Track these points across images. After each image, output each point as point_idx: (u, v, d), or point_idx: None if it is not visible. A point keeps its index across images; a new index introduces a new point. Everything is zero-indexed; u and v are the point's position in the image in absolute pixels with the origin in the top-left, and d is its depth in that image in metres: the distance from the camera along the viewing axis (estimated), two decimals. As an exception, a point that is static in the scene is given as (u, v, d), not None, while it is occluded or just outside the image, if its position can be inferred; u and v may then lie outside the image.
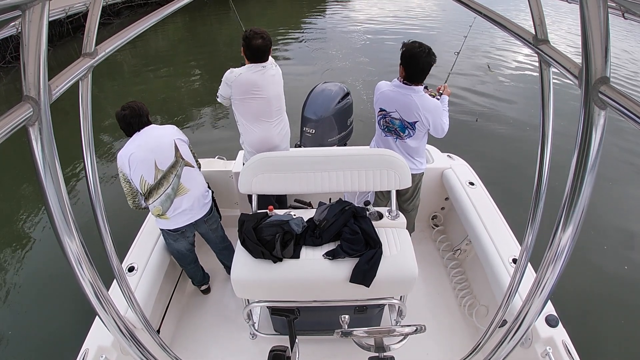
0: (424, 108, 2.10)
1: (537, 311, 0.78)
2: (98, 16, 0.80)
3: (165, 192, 1.93)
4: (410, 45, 2.05)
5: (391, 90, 2.16)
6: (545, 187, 0.86)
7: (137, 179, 1.91)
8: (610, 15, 0.54)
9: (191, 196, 2.04)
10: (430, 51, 2.01)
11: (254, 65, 2.18)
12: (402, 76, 2.13)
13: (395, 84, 2.16)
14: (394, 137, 2.26)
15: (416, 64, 2.03)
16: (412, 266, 1.61)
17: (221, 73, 2.21)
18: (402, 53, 2.08)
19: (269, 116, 2.30)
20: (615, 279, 3.21)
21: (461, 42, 2.92)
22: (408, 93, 2.11)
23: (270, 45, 2.17)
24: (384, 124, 2.25)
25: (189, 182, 2.03)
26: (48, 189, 0.59)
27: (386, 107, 2.19)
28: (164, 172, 1.92)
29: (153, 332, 1.13)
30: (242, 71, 2.19)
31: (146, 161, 1.89)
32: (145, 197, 1.97)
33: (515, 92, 6.95)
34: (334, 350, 2.09)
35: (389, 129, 2.24)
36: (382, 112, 2.22)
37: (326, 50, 9.26)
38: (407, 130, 2.19)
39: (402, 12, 13.07)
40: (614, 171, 4.61)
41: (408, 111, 2.13)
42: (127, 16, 12.04)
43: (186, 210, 2.04)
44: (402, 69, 2.11)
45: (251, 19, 12.44)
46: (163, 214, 1.99)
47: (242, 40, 2.13)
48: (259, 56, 2.15)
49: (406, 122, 2.16)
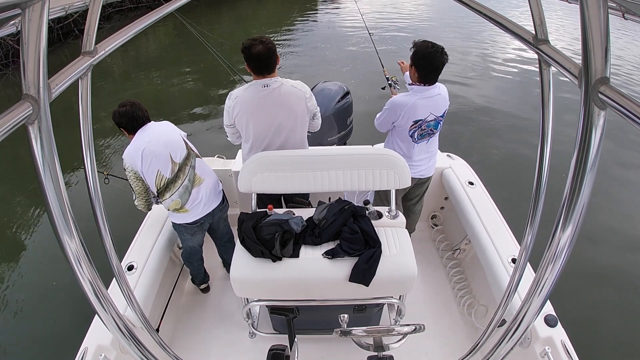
0: (446, 94, 2.12)
1: (536, 311, 0.78)
2: (98, 14, 0.80)
3: (183, 184, 1.96)
4: (422, 45, 1.96)
5: (419, 98, 2.05)
6: (545, 186, 0.86)
7: (152, 174, 1.91)
8: (610, 15, 0.54)
9: (206, 186, 2.07)
10: (443, 50, 1.95)
11: (256, 82, 1.91)
12: (414, 78, 2.06)
13: (416, 89, 2.06)
14: (427, 139, 2.18)
15: (430, 64, 1.96)
16: (411, 266, 1.62)
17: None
18: (414, 54, 1.98)
19: (271, 147, 2.02)
20: (615, 279, 3.22)
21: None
22: (434, 93, 2.06)
23: (274, 51, 1.86)
24: (419, 133, 2.14)
25: (202, 172, 2.06)
26: (47, 187, 0.59)
27: (421, 115, 2.07)
28: (180, 164, 1.94)
29: (152, 331, 1.13)
30: (239, 93, 1.93)
31: (162, 155, 1.90)
32: (159, 193, 1.97)
33: (515, 91, 6.95)
34: (333, 349, 2.09)
35: (423, 135, 2.16)
36: (417, 123, 2.10)
37: (323, 50, 9.26)
38: (440, 123, 2.17)
39: (393, 9, 13.12)
40: (614, 171, 4.61)
41: (439, 107, 2.10)
42: (117, 20, 11.97)
43: (203, 200, 2.06)
44: (414, 70, 2.02)
45: (241, 20, 12.41)
46: (182, 207, 2.00)
47: (242, 53, 1.85)
48: (262, 66, 1.87)
49: (439, 117, 2.13)
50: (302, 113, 2.00)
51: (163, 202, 2.01)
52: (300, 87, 1.97)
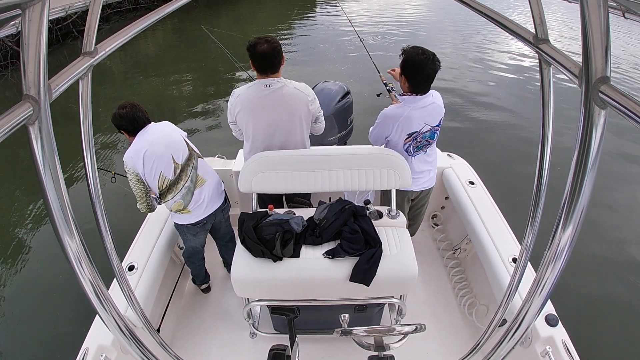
0: (440, 102, 1.99)
1: (537, 310, 0.78)
2: (98, 15, 0.80)
3: (185, 185, 1.95)
4: (412, 52, 1.82)
5: (412, 109, 1.91)
6: (545, 186, 0.86)
7: (154, 176, 1.90)
8: (611, 15, 0.54)
9: (209, 186, 2.06)
10: (434, 57, 1.81)
11: (259, 82, 1.91)
12: (405, 88, 1.92)
13: (408, 100, 1.92)
14: (424, 151, 2.06)
15: (421, 73, 1.82)
16: (412, 265, 1.62)
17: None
18: (404, 61, 1.84)
19: (271, 148, 2.02)
20: (615, 278, 3.21)
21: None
22: (427, 103, 1.92)
23: (279, 51, 1.85)
24: (415, 146, 2.01)
25: (204, 172, 2.05)
26: (48, 187, 0.59)
27: (415, 127, 1.94)
28: (182, 165, 1.94)
29: (153, 331, 1.13)
30: (241, 91, 1.94)
31: (164, 157, 1.89)
32: (161, 195, 1.96)
33: (515, 91, 6.94)
34: (334, 349, 2.09)
35: (419, 147, 2.03)
36: (412, 135, 1.96)
37: (322, 49, 9.26)
38: (436, 134, 2.03)
39: (391, 9, 13.12)
40: (614, 170, 4.61)
41: (435, 117, 1.97)
42: (116, 21, 11.96)
43: (206, 200, 2.05)
44: (405, 79, 1.89)
45: (240, 21, 12.38)
46: (185, 208, 2.00)
47: (247, 51, 1.86)
48: (267, 65, 1.86)
49: (435, 127, 2.00)
50: (303, 116, 1.98)
51: (165, 204, 2.01)
52: (303, 90, 1.95)
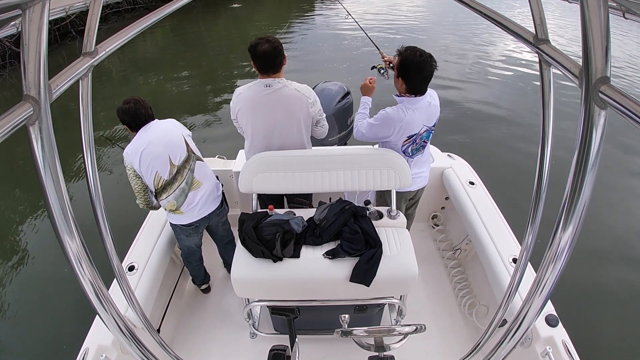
0: (437, 101, 1.97)
1: (537, 311, 0.78)
2: (98, 15, 0.80)
3: (180, 186, 1.94)
4: (408, 53, 1.78)
5: (414, 112, 1.88)
6: (546, 186, 0.86)
7: (150, 175, 1.90)
8: (611, 15, 0.54)
9: (204, 190, 2.05)
10: (431, 58, 1.78)
11: (259, 81, 1.91)
12: (402, 90, 1.88)
13: (407, 101, 1.88)
14: (422, 152, 2.05)
15: (420, 74, 1.79)
16: (412, 265, 1.62)
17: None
18: (401, 64, 1.80)
19: (271, 148, 2.02)
20: (616, 278, 3.21)
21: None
22: (425, 103, 1.89)
23: (280, 50, 1.85)
24: (413, 148, 1.99)
25: (201, 175, 2.04)
26: (48, 188, 0.59)
27: (415, 130, 1.92)
28: (178, 166, 1.93)
29: (153, 332, 1.13)
30: (242, 90, 1.95)
31: (161, 157, 1.88)
32: (156, 194, 1.96)
33: (515, 90, 6.95)
34: (334, 349, 2.09)
35: (417, 149, 2.02)
36: (412, 137, 1.93)
37: (322, 49, 9.25)
38: (431, 133, 2.02)
39: (391, 10, 13.12)
40: (614, 170, 4.61)
41: (432, 117, 1.96)
42: (115, 22, 11.95)
43: (200, 203, 2.04)
44: (402, 81, 1.84)
45: (238, 21, 12.37)
46: (177, 208, 2.00)
47: (249, 51, 1.86)
48: (268, 64, 1.86)
49: (431, 128, 1.99)
50: (302, 118, 1.98)
51: (160, 202, 2.01)
52: (303, 92, 1.95)
